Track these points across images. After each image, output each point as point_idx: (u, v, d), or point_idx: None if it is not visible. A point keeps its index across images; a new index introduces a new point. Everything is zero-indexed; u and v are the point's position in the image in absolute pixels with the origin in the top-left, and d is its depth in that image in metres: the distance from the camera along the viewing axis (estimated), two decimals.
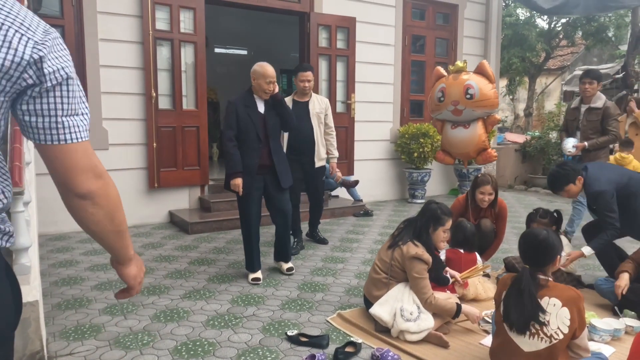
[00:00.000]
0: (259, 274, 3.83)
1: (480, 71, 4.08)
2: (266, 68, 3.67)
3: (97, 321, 3.04)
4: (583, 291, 3.35)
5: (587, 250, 3.44)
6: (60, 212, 5.82)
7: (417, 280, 2.85)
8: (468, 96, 3.97)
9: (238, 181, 3.62)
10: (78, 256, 4.37)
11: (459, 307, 2.86)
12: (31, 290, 2.42)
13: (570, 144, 4.74)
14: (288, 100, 4.46)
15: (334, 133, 4.73)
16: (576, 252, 3.54)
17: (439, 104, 4.11)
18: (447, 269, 3.36)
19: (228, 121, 3.68)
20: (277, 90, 3.76)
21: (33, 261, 2.58)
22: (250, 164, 3.67)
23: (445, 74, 4.20)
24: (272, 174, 3.78)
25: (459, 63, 4.16)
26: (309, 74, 4.49)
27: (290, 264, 4.03)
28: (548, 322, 2.07)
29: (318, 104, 4.57)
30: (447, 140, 4.25)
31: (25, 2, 3.71)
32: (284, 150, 4.29)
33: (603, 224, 3.44)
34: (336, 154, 4.77)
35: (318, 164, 4.62)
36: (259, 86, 3.68)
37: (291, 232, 4.31)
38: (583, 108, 4.81)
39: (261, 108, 3.75)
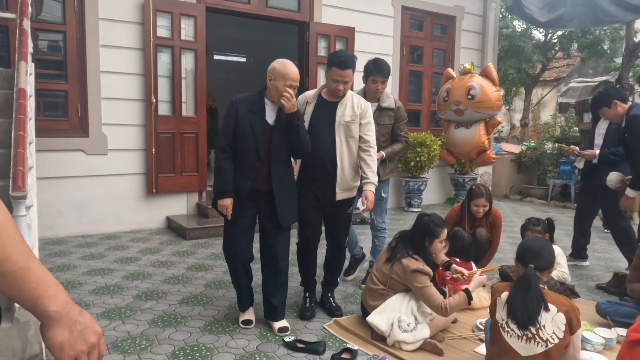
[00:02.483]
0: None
1: (485, 74, 4.20)
2: (288, 67, 2.82)
3: None
4: (576, 301, 3.40)
5: (630, 192, 3.63)
6: (58, 216, 5.78)
7: (422, 290, 2.82)
8: (469, 97, 4.07)
9: (226, 202, 2.85)
10: (75, 260, 4.39)
11: (467, 292, 2.79)
12: None
13: None
14: (313, 95, 3.29)
15: (373, 150, 3.22)
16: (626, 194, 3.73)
17: (443, 103, 4.30)
18: (454, 265, 3.30)
19: (224, 126, 2.91)
20: (295, 106, 2.82)
21: None
22: (240, 185, 2.88)
23: (454, 75, 4.37)
24: (269, 204, 2.93)
25: (467, 65, 4.28)
26: (348, 74, 3.08)
27: (283, 323, 3.04)
28: (544, 326, 2.13)
29: (350, 109, 3.17)
30: (450, 139, 4.43)
31: (30, 8, 3.76)
32: (297, 170, 3.27)
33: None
34: (372, 178, 3.19)
35: (341, 195, 3.20)
36: (275, 89, 2.81)
37: (302, 285, 3.45)
38: (373, 108, 3.71)
39: (270, 117, 2.91)
